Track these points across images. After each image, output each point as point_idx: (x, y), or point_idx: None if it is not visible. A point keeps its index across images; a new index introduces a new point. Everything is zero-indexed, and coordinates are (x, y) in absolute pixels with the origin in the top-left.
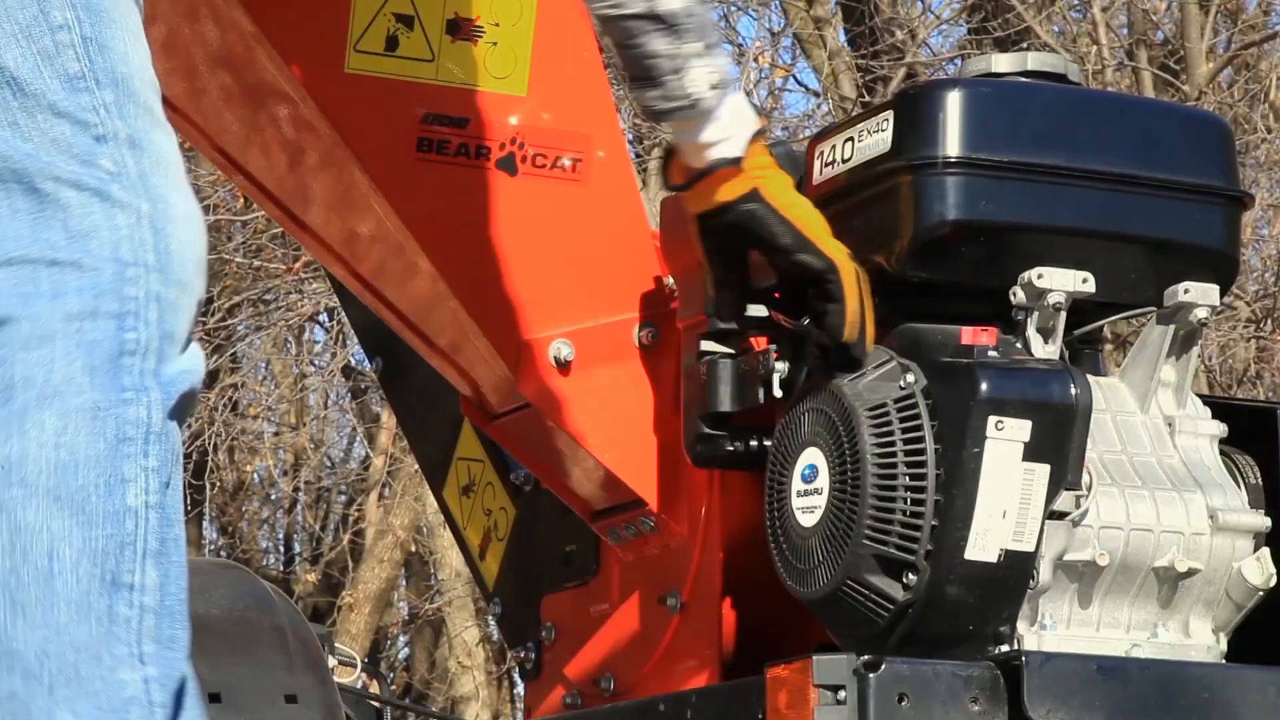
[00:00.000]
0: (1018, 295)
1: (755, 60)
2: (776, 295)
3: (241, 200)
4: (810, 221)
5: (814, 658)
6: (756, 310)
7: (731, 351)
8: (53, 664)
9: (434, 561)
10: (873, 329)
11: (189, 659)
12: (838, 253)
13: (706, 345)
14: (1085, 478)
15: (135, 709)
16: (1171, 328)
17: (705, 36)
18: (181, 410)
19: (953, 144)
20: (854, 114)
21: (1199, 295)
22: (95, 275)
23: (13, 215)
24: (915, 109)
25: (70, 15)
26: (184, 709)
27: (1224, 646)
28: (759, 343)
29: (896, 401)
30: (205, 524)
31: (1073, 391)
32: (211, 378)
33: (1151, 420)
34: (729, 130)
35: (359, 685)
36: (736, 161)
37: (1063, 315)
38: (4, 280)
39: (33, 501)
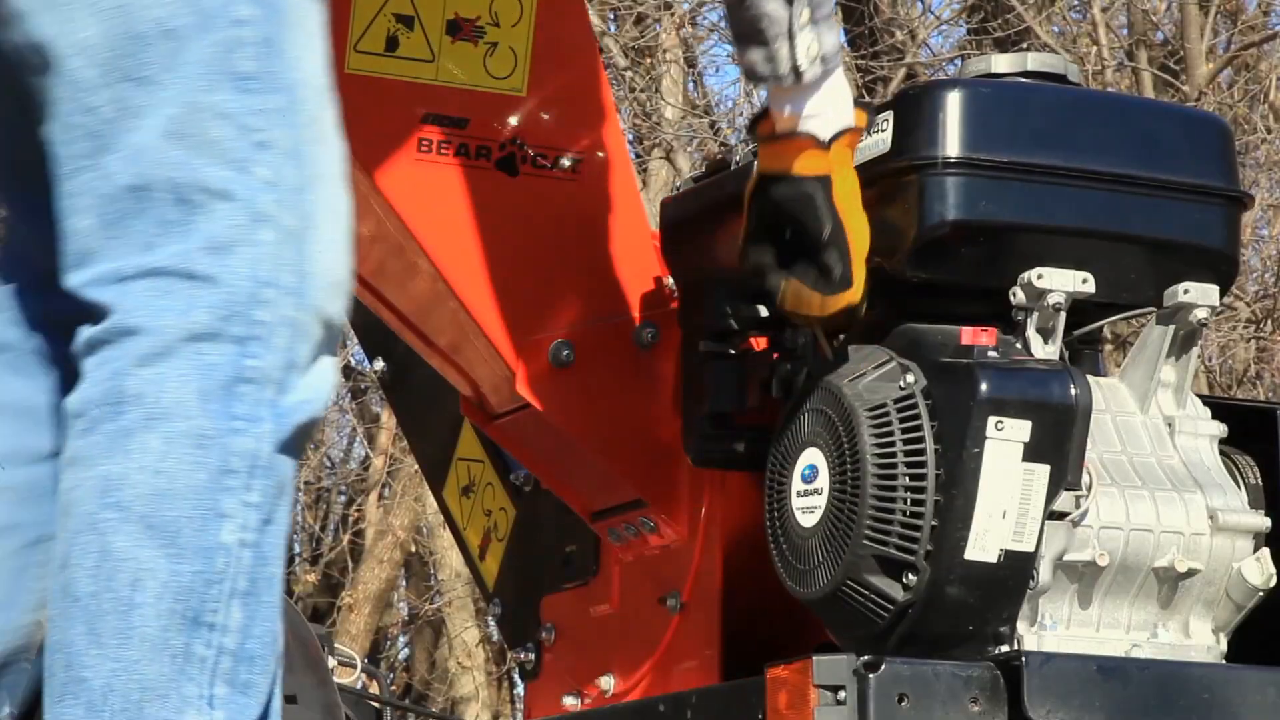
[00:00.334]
0: (1018, 295)
1: None
2: None
3: None
4: (859, 236)
5: (814, 658)
6: (756, 310)
7: (732, 352)
8: (116, 700)
9: (434, 562)
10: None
11: (270, 708)
12: (860, 280)
13: (707, 346)
14: (1085, 478)
15: None
16: (1171, 328)
17: (817, 8)
18: (297, 442)
19: (952, 144)
20: None
21: (1199, 296)
22: (229, 294)
23: (160, 227)
24: (915, 109)
25: (254, 10)
26: None
27: (1224, 647)
28: (759, 343)
29: (896, 402)
30: None
31: (1073, 392)
32: None
33: (1151, 420)
34: (823, 108)
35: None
36: (822, 143)
37: (1062, 315)
38: (142, 290)
39: (125, 527)
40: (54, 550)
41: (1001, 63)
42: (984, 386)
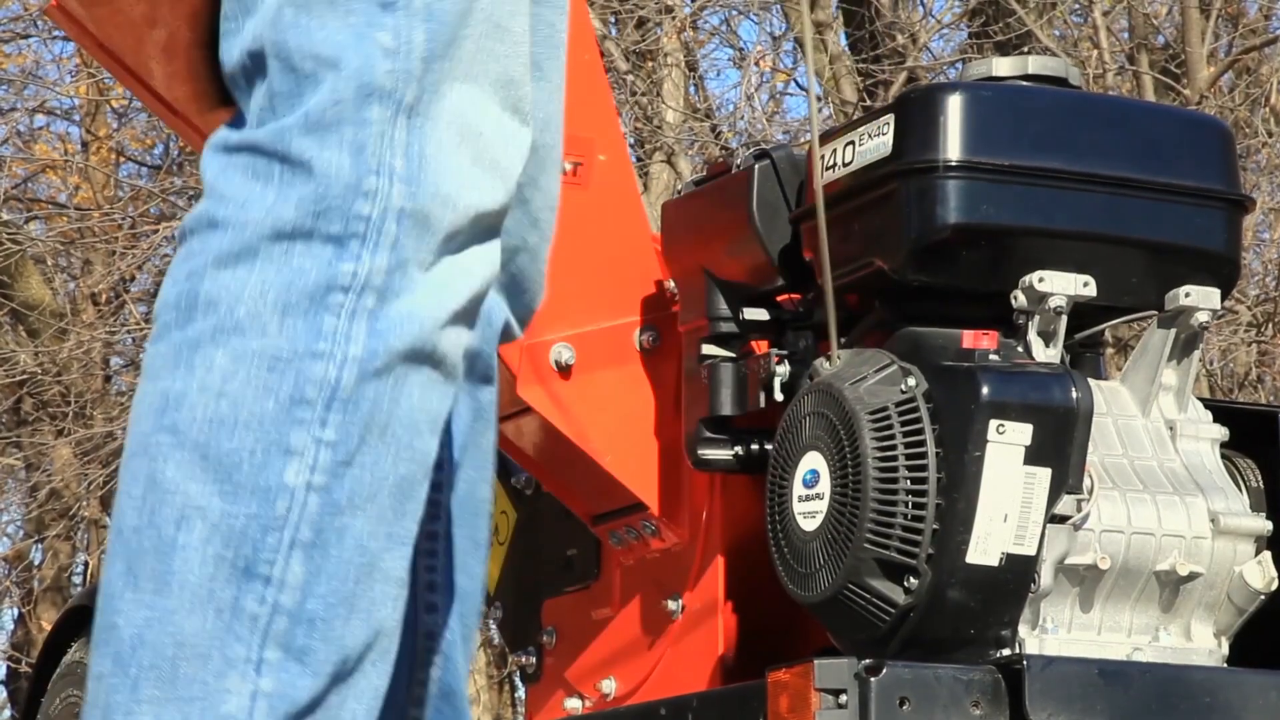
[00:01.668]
0: (1019, 299)
1: (756, 64)
2: (778, 299)
3: None
4: None
5: (815, 661)
6: (757, 314)
7: (733, 355)
8: (146, 654)
9: None
10: None
11: (342, 690)
12: None
13: (708, 349)
14: (1086, 481)
15: None
16: (1173, 331)
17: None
18: (406, 365)
19: (953, 148)
20: (855, 118)
21: (1200, 299)
22: (325, 184)
23: (268, 99)
24: (916, 113)
25: None
26: None
27: (1225, 650)
28: (760, 347)
29: (898, 405)
30: None
31: (1074, 395)
32: None
33: (1153, 424)
34: None
35: None
36: None
37: (1064, 319)
38: (240, 169)
39: (177, 454)
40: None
41: (1002, 66)
42: (985, 390)
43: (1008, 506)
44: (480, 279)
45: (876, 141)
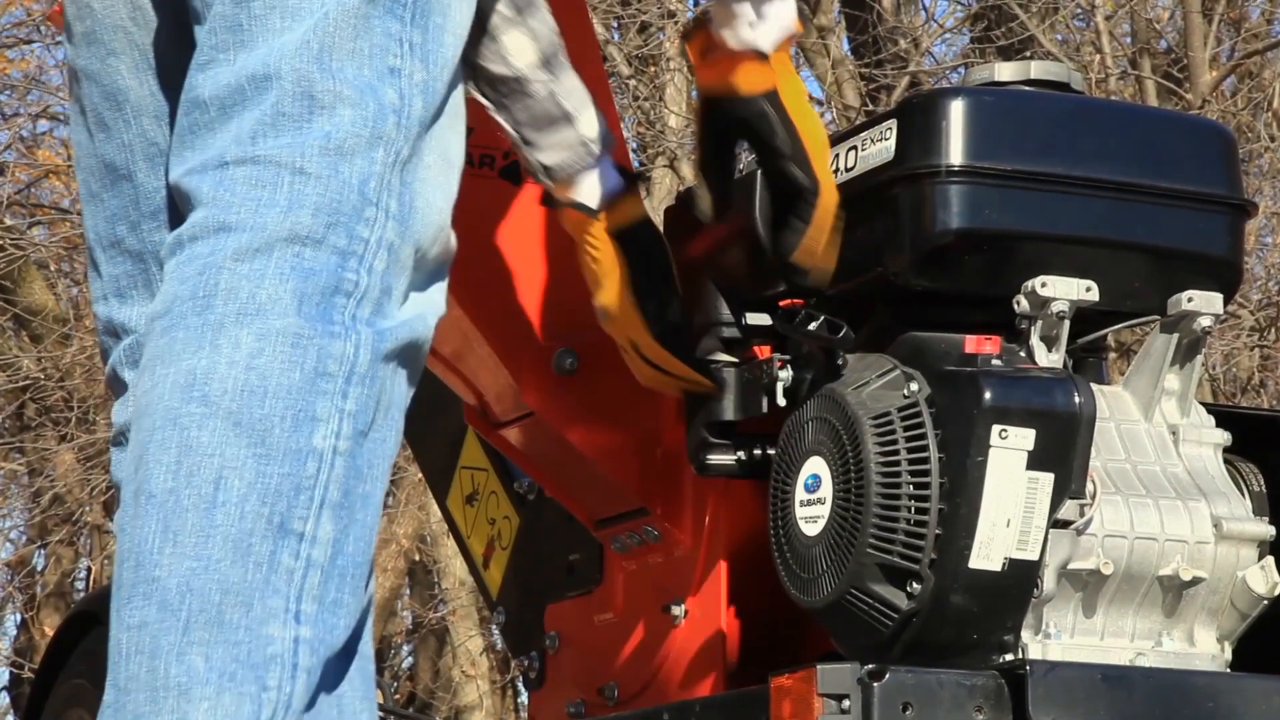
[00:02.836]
0: (1021, 304)
1: None
2: (781, 304)
3: None
4: (815, 139)
5: (818, 667)
6: (759, 319)
7: (735, 360)
8: (194, 600)
9: (438, 570)
10: (827, 262)
11: (362, 636)
12: (827, 177)
13: (711, 353)
14: (1089, 486)
15: (275, 668)
16: (1175, 336)
17: None
18: (401, 358)
19: (956, 153)
20: (857, 122)
21: (1202, 304)
22: (337, 200)
23: (275, 117)
24: (918, 118)
25: None
26: (336, 685)
27: (1229, 655)
28: (762, 351)
29: (900, 410)
30: None
31: (1076, 400)
32: None
33: (1155, 429)
34: (767, 12)
35: None
36: (763, 55)
37: (1066, 324)
38: (243, 179)
39: (210, 422)
40: (127, 458)
41: (1005, 71)
42: (988, 395)
43: (1010, 511)
44: (437, 313)
45: (879, 147)
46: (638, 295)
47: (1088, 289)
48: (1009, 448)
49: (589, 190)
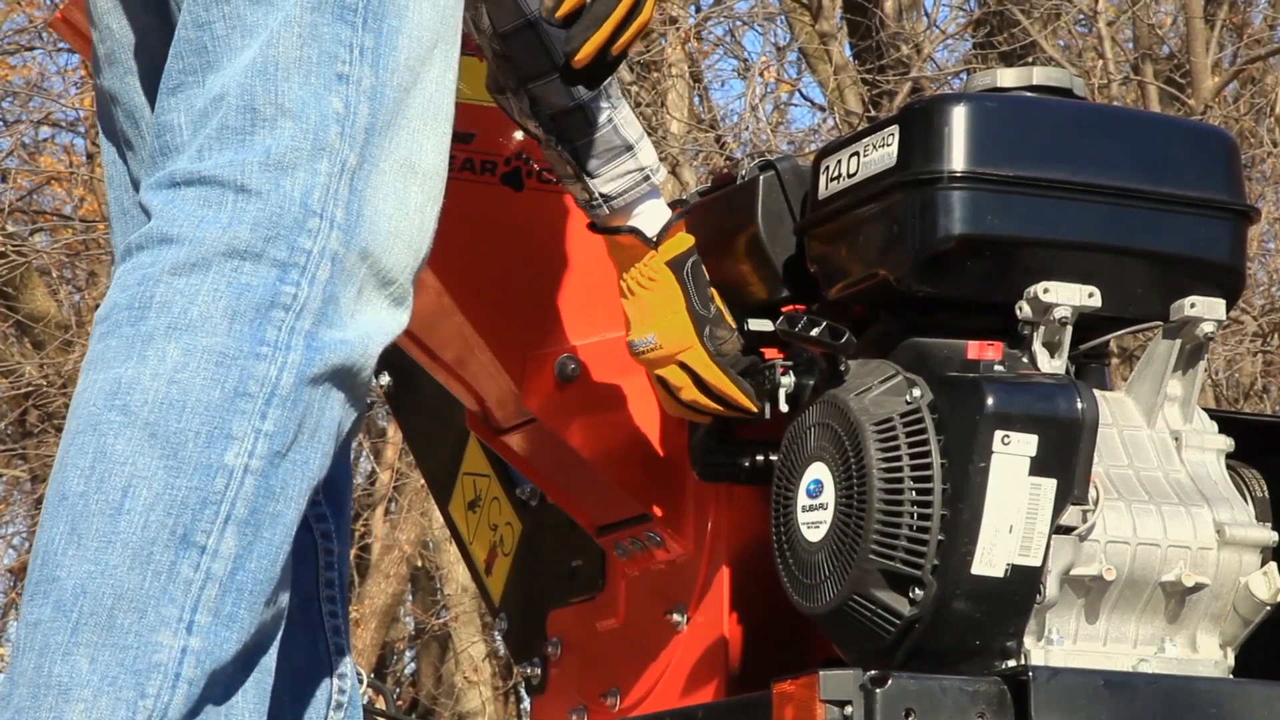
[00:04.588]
0: (1024, 310)
1: (761, 75)
2: (783, 310)
3: None
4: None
5: (820, 673)
6: (761, 324)
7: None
8: (87, 603)
9: (440, 576)
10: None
11: (267, 649)
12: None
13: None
14: (1092, 492)
15: (157, 676)
16: (1178, 342)
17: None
18: (334, 381)
19: (958, 159)
20: (860, 129)
21: (1205, 309)
22: (276, 213)
23: (220, 132)
24: (920, 124)
25: None
26: (228, 697)
27: (1231, 661)
28: (765, 356)
29: (903, 416)
30: None
31: (1079, 406)
32: None
33: (1158, 434)
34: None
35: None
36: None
37: (1069, 330)
38: (191, 198)
39: (128, 431)
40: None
41: (1007, 77)
42: (990, 400)
43: (1013, 517)
44: (385, 337)
45: (881, 152)
46: (696, 323)
47: (1090, 295)
48: (1011, 454)
49: (648, 219)
